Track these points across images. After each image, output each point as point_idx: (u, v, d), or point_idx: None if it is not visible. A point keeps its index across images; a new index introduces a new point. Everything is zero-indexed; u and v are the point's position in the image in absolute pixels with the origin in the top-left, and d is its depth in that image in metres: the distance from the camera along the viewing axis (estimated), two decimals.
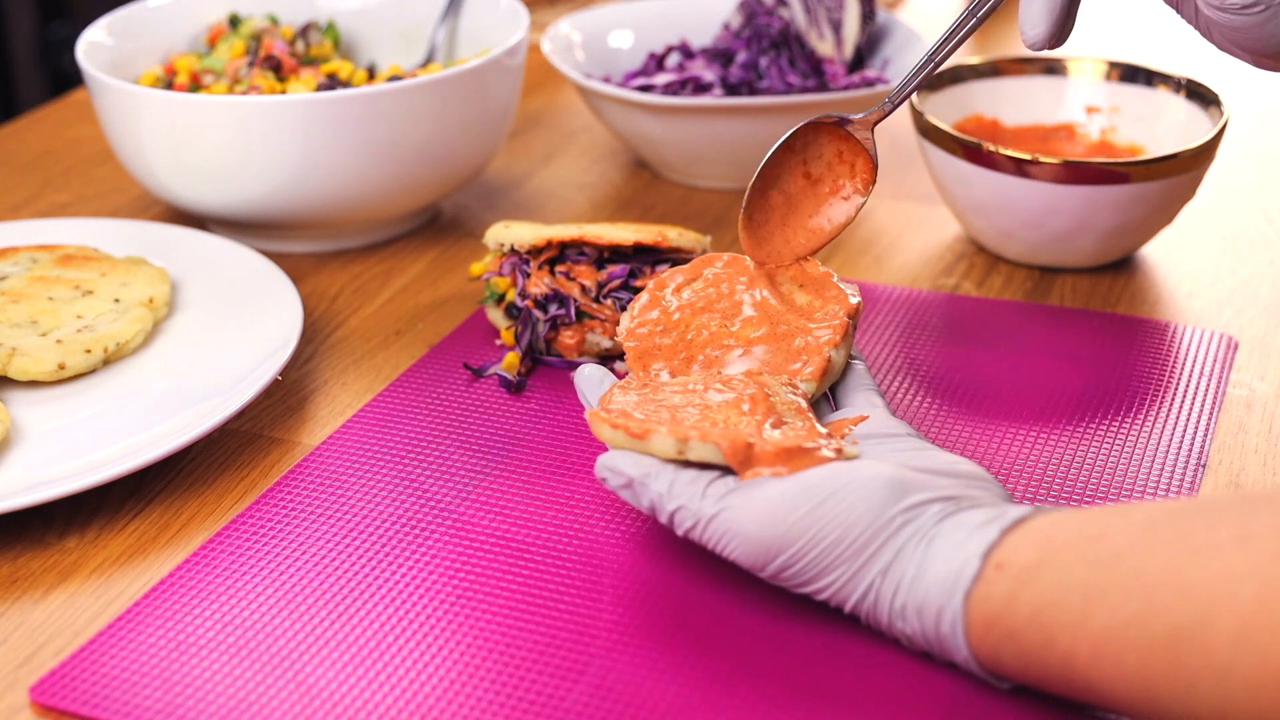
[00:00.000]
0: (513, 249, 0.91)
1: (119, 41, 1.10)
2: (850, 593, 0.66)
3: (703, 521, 0.68)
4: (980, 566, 0.63)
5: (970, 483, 0.68)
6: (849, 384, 0.77)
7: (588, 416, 0.72)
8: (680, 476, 0.69)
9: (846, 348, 0.78)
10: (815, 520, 0.65)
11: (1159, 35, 1.46)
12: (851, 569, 0.65)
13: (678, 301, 0.81)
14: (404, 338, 0.96)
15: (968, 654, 0.63)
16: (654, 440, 0.69)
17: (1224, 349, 0.92)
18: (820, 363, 0.76)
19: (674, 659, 0.67)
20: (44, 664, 0.69)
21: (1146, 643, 0.57)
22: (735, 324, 0.79)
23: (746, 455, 0.68)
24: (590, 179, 1.19)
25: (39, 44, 2.21)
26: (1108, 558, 0.59)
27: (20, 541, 0.77)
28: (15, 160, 1.25)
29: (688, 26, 1.24)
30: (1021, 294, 0.99)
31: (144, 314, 0.91)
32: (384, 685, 0.66)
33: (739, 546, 0.67)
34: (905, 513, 0.65)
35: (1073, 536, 0.61)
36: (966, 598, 0.63)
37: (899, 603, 0.65)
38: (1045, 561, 0.61)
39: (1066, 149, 1.08)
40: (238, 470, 0.83)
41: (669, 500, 0.69)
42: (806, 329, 0.78)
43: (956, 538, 0.64)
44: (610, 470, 0.71)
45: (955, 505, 0.66)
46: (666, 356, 0.79)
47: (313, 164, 0.99)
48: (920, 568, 0.64)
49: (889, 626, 0.66)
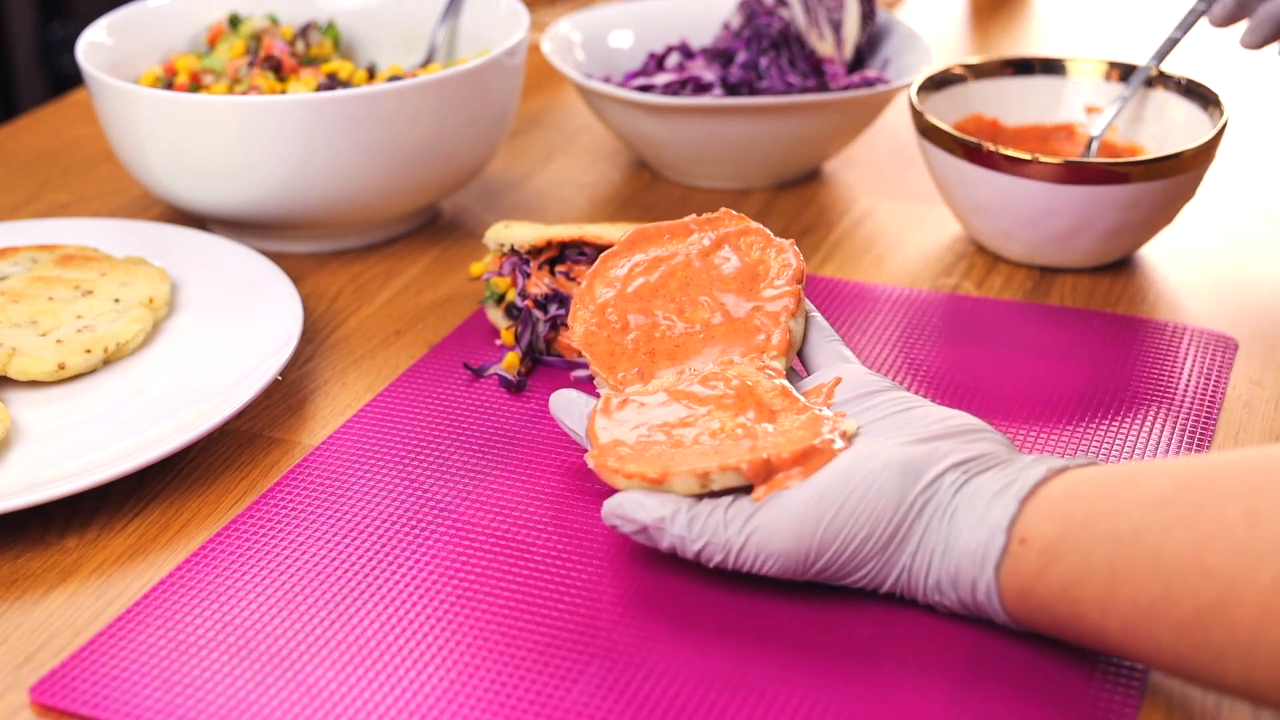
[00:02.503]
0: (513, 249, 0.91)
1: (119, 41, 1.10)
2: (885, 577, 0.68)
3: (733, 551, 0.68)
4: (1006, 540, 0.65)
5: (971, 437, 0.69)
6: (813, 342, 0.78)
7: (595, 467, 0.71)
8: (698, 512, 0.69)
9: (802, 314, 0.78)
10: (843, 524, 0.67)
11: (1159, 35, 1.45)
12: (884, 558, 0.67)
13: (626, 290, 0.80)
14: (404, 338, 0.96)
15: (1006, 618, 0.66)
16: (675, 483, 0.69)
17: (1224, 349, 0.92)
18: (783, 337, 0.76)
19: (674, 659, 0.67)
20: (44, 664, 0.69)
21: (1175, 619, 0.60)
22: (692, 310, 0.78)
23: (768, 471, 0.68)
24: (590, 179, 1.19)
25: (39, 44, 2.21)
26: (1126, 536, 0.61)
27: (20, 541, 0.77)
28: (15, 160, 1.24)
29: (688, 26, 1.24)
30: (1021, 294, 0.99)
31: (144, 314, 0.91)
32: (384, 685, 0.66)
33: (774, 564, 0.68)
34: (923, 492, 0.67)
35: (1090, 511, 0.63)
36: (997, 571, 0.65)
37: (933, 578, 0.67)
38: (1067, 537, 0.63)
39: (1066, 149, 1.08)
40: (238, 470, 0.83)
41: (693, 541, 0.69)
42: (760, 304, 0.78)
43: (977, 508, 0.66)
44: (621, 519, 0.70)
45: (966, 471, 0.67)
46: (630, 357, 0.78)
47: (313, 164, 0.99)
48: (947, 543, 0.66)
49: (925, 598, 0.68)
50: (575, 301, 0.80)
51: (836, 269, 1.03)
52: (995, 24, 1.53)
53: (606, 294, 0.80)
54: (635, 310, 0.79)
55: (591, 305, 0.80)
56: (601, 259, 0.82)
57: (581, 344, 0.79)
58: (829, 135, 1.12)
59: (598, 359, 0.78)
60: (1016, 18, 1.55)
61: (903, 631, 0.68)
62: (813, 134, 1.11)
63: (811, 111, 1.09)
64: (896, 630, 0.68)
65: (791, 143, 1.11)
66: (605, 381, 0.77)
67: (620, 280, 0.80)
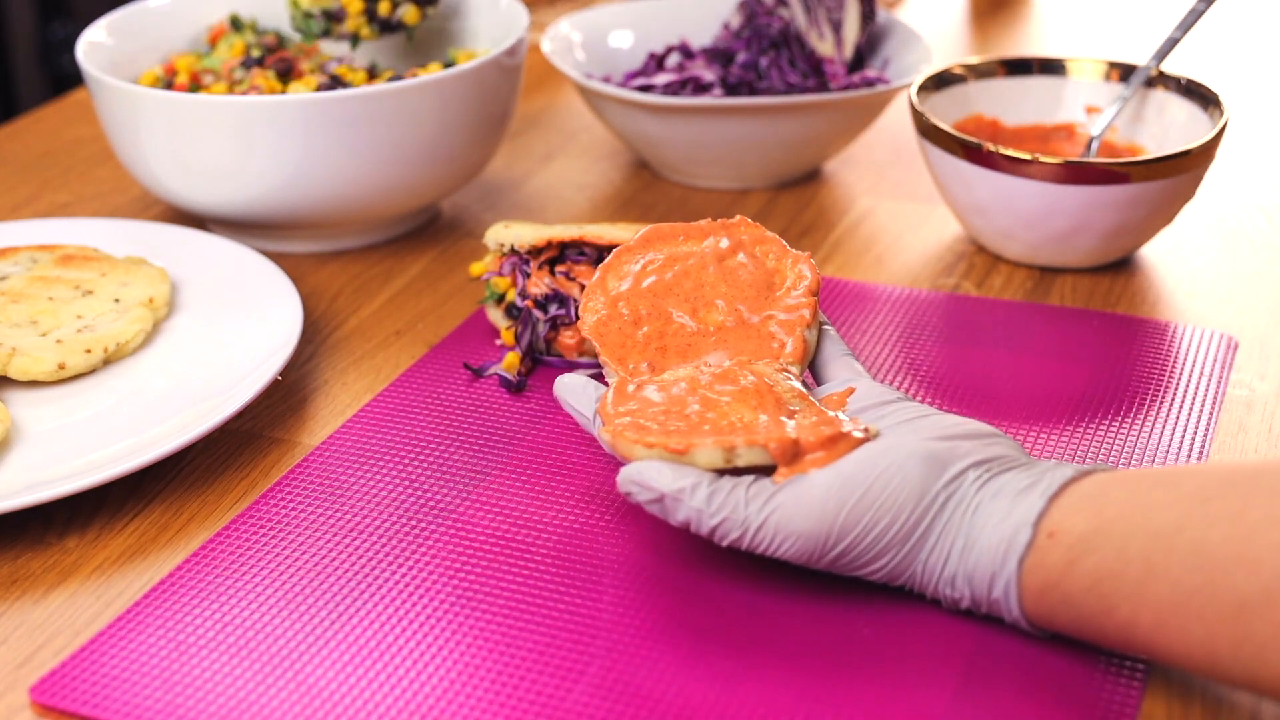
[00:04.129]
0: (513, 249, 0.91)
1: (119, 41, 1.10)
2: (903, 570, 0.68)
3: (751, 529, 0.67)
4: (1032, 535, 0.64)
5: (989, 441, 0.69)
6: (825, 354, 0.78)
7: (611, 440, 0.70)
8: (719, 487, 0.68)
9: (816, 325, 0.78)
10: (865, 510, 0.66)
11: (1159, 35, 1.45)
12: (904, 550, 0.67)
13: (639, 286, 0.80)
14: (404, 338, 0.96)
15: (1019, 614, 0.66)
16: (699, 454, 0.68)
17: (1224, 349, 0.92)
18: (797, 346, 0.76)
19: (675, 658, 0.67)
20: (44, 664, 0.69)
21: (1213, 614, 0.59)
22: (705, 311, 0.78)
23: (794, 452, 0.67)
24: (590, 179, 1.19)
25: (39, 44, 2.21)
26: (1166, 530, 0.61)
27: (20, 541, 0.77)
28: (15, 160, 1.25)
29: (688, 26, 1.24)
30: (1021, 294, 0.99)
31: (144, 314, 0.91)
32: (384, 685, 0.66)
33: (793, 546, 0.67)
34: (947, 486, 0.67)
35: (1125, 507, 0.63)
36: (1020, 565, 0.65)
37: (949, 572, 0.67)
38: (1099, 531, 0.63)
39: (1066, 149, 1.08)
40: (238, 470, 0.83)
41: (711, 516, 0.67)
42: (774, 313, 0.78)
43: (1001, 505, 0.66)
44: (638, 485, 0.68)
45: (988, 469, 0.67)
46: (641, 350, 0.77)
47: (313, 164, 0.99)
48: (969, 538, 0.66)
49: (934, 592, 0.68)
50: (586, 293, 0.80)
51: (836, 269, 1.03)
52: (995, 24, 1.53)
53: (620, 287, 0.80)
54: (648, 306, 0.79)
55: (603, 297, 0.80)
56: (615, 254, 0.81)
57: (592, 333, 0.78)
58: (829, 135, 1.12)
59: (608, 349, 0.77)
60: (1016, 18, 1.55)
61: (904, 630, 0.68)
62: (813, 134, 1.11)
63: (811, 111, 1.09)
64: (898, 629, 0.68)
65: (791, 143, 1.11)
66: (615, 372, 0.77)
67: (634, 276, 0.80)
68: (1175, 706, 0.65)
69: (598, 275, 0.80)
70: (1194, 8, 1.06)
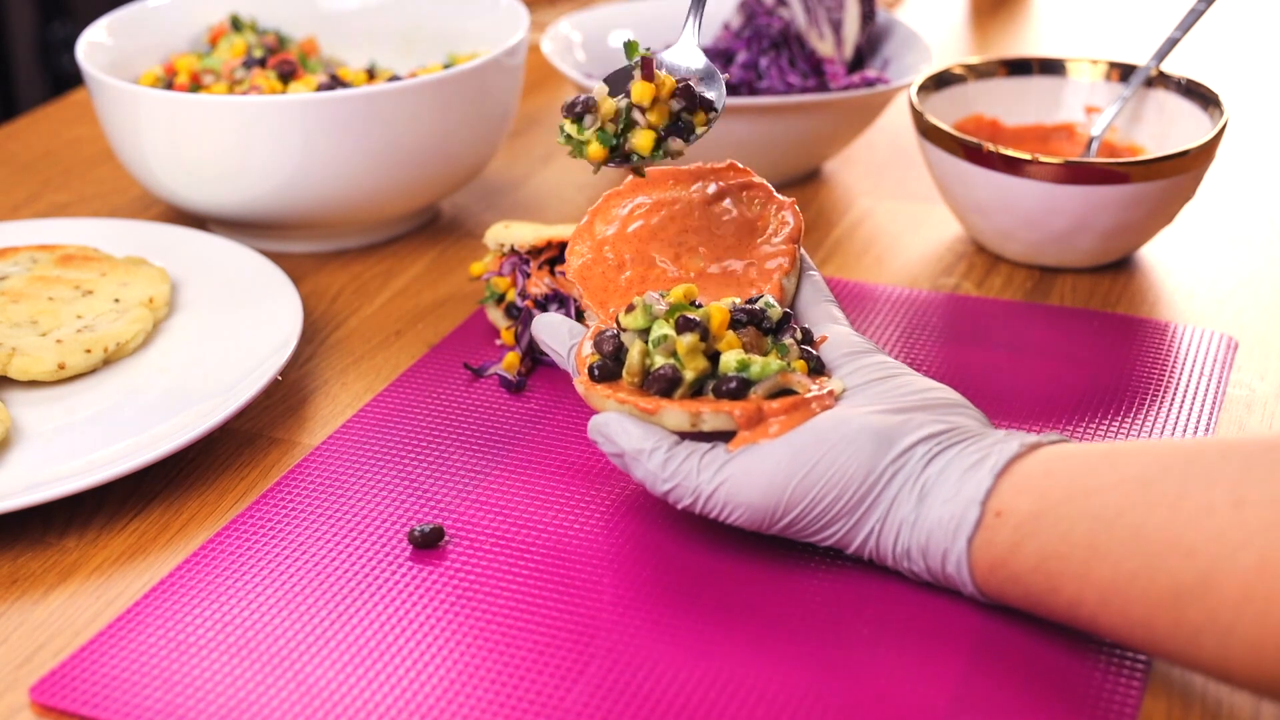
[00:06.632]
0: (513, 249, 0.91)
1: (119, 41, 1.10)
2: (852, 539, 0.69)
3: (702, 497, 0.70)
4: (980, 513, 0.66)
5: (946, 411, 0.70)
6: (805, 298, 0.79)
7: (585, 392, 0.72)
8: (675, 453, 0.70)
9: (795, 272, 0.79)
10: (812, 483, 0.68)
11: (1159, 35, 1.45)
12: (850, 521, 0.68)
13: (625, 230, 0.81)
14: (404, 338, 0.96)
15: (973, 589, 0.67)
16: (666, 415, 0.70)
17: (1224, 349, 0.92)
18: (775, 291, 0.77)
19: (675, 659, 0.67)
20: (44, 664, 0.69)
21: (1152, 597, 0.61)
22: (687, 257, 0.79)
23: (758, 418, 0.69)
24: (590, 179, 1.18)
25: (39, 44, 2.21)
26: (1107, 513, 0.62)
27: (20, 541, 0.77)
28: (15, 160, 1.25)
29: None
30: (1021, 294, 0.99)
31: (144, 314, 0.91)
32: (384, 685, 0.66)
33: (742, 515, 0.69)
34: (894, 462, 0.68)
35: (1069, 489, 0.64)
36: (970, 543, 0.66)
37: (901, 546, 0.68)
38: (1045, 514, 0.64)
39: (1066, 149, 1.08)
40: (238, 470, 0.83)
41: (664, 481, 0.70)
42: (755, 260, 0.78)
43: (950, 481, 0.67)
44: (604, 438, 0.72)
45: (938, 443, 0.68)
46: (623, 295, 0.79)
47: (313, 164, 0.99)
48: (918, 513, 0.67)
49: (895, 564, 0.69)
50: (574, 236, 0.81)
51: (836, 269, 1.03)
52: (995, 24, 1.53)
53: (606, 231, 0.81)
54: (632, 251, 0.80)
55: (589, 241, 0.81)
56: (605, 197, 0.83)
57: (575, 276, 0.80)
58: (829, 135, 1.12)
59: (591, 293, 0.79)
60: (1016, 18, 1.55)
61: (905, 621, 0.69)
62: (813, 134, 1.11)
63: (811, 111, 1.09)
64: (899, 619, 0.69)
65: (791, 143, 1.11)
66: (596, 314, 0.78)
67: (621, 220, 0.81)
68: (1175, 706, 0.65)
69: (586, 219, 0.82)
70: (1194, 8, 1.06)
